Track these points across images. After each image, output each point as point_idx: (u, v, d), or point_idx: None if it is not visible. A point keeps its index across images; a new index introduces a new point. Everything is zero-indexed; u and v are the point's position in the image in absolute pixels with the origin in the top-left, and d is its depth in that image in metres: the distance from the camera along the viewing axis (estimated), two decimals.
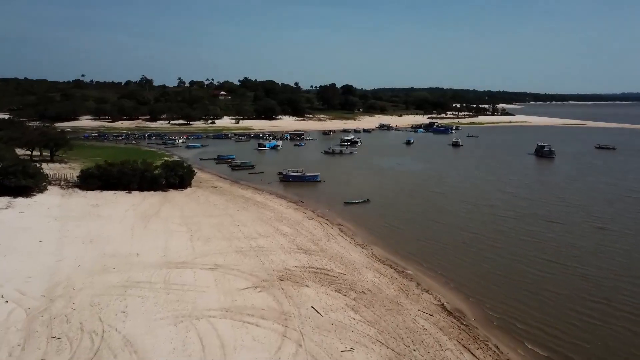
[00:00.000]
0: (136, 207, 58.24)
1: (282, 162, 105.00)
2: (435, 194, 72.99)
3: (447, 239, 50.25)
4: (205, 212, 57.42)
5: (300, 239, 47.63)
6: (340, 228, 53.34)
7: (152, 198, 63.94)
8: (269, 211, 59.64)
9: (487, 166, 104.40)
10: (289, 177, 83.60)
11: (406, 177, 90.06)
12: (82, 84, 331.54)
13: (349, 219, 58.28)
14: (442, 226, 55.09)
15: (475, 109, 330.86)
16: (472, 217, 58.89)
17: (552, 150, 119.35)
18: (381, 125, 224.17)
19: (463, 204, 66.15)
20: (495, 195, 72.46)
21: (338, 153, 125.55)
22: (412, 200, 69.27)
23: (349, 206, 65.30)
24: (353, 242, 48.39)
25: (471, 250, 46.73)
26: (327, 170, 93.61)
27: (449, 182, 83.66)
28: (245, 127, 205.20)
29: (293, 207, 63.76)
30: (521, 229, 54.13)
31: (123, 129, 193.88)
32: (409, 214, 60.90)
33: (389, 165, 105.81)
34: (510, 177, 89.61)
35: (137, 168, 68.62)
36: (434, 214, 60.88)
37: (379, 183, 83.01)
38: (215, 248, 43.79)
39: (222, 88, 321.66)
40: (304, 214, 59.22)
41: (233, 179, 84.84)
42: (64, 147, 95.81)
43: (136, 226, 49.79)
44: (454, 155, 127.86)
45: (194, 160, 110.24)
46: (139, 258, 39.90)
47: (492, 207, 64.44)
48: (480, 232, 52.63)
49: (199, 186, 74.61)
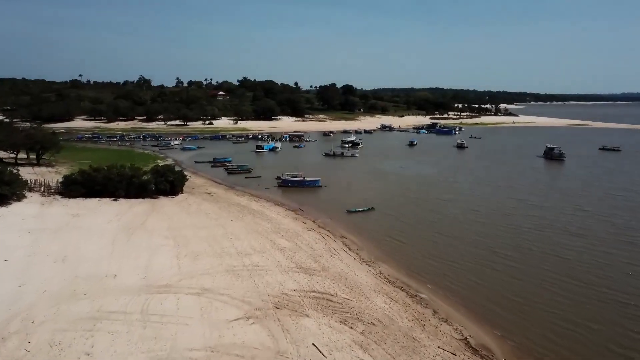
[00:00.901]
0: (120, 217, 53.41)
1: (280, 165, 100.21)
2: (443, 202, 68.12)
3: (461, 255, 45.40)
4: (196, 223, 52.59)
5: (299, 255, 42.81)
6: (343, 241, 48.51)
7: (139, 206, 59.11)
8: (265, 221, 54.82)
9: (495, 170, 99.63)
10: (287, 182, 78.77)
11: (411, 181, 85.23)
12: (78, 84, 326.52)
13: (352, 230, 53.47)
14: (454, 240, 50.18)
15: (477, 109, 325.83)
16: (485, 229, 53.98)
17: (562, 152, 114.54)
18: (383, 126, 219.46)
19: (474, 214, 61.28)
20: (508, 203, 67.59)
21: (339, 155, 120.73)
22: (419, 208, 64.43)
23: (353, 215, 60.51)
24: (358, 258, 43.58)
25: (489, 269, 41.88)
26: (328, 174, 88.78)
27: (457, 188, 78.81)
28: (243, 128, 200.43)
29: (292, 216, 58.97)
30: (541, 243, 49.18)
31: (118, 130, 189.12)
32: (418, 225, 56.07)
33: (392, 168, 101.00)
34: (522, 182, 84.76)
35: (124, 173, 63.80)
36: (445, 225, 56.02)
37: (383, 188, 78.20)
38: (204, 266, 38.98)
39: (221, 88, 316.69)
40: (304, 225, 54.40)
41: (228, 184, 80.00)
42: (52, 150, 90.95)
43: (118, 240, 44.96)
44: (459, 157, 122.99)
45: (189, 163, 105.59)
46: (116, 280, 35.07)
47: (506, 217, 59.58)
48: (497, 247, 47.72)
49: (191, 192, 69.81)
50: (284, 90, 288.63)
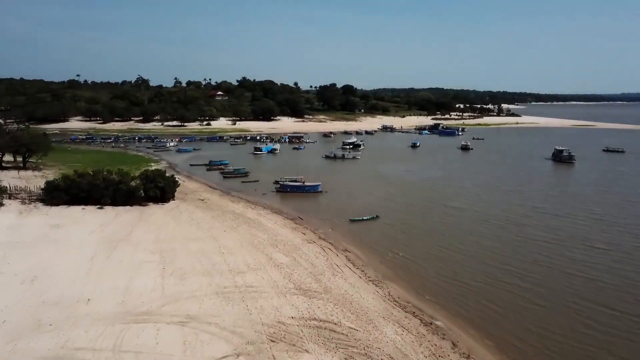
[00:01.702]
0: (104, 228, 49.17)
1: (279, 169, 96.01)
2: (451, 210, 63.76)
3: (476, 273, 41.06)
4: (186, 234, 48.36)
5: (298, 273, 38.58)
6: (347, 256, 44.26)
7: (126, 215, 54.87)
8: (261, 232, 50.59)
9: (503, 173, 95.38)
10: (286, 188, 74.51)
11: (416, 186, 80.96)
12: (75, 84, 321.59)
13: (356, 242, 49.22)
14: (466, 255, 45.81)
15: (479, 110, 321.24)
16: (499, 243, 49.49)
17: (571, 155, 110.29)
18: (384, 127, 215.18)
19: (485, 224, 56.86)
20: (521, 211, 63.24)
21: (340, 158, 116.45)
22: (426, 217, 60.12)
23: (356, 224, 56.27)
24: (364, 276, 39.33)
25: (508, 291, 37.48)
26: (328, 178, 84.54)
27: (465, 194, 74.46)
28: (242, 128, 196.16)
29: (290, 225, 54.74)
30: (562, 259, 44.80)
31: (114, 130, 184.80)
32: (426, 237, 51.75)
33: (396, 172, 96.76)
34: (532, 187, 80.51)
35: (110, 179, 59.55)
36: (455, 237, 51.64)
37: (386, 194, 73.96)
38: (191, 287, 34.77)
39: (219, 88, 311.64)
40: (303, 236, 50.15)
41: (224, 189, 75.72)
42: (39, 152, 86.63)
43: (98, 255, 40.73)
44: (464, 160, 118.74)
45: (184, 166, 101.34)
46: (89, 306, 30.84)
47: (520, 228, 55.14)
48: (513, 264, 43.31)
49: (183, 199, 65.59)
50: (284, 90, 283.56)
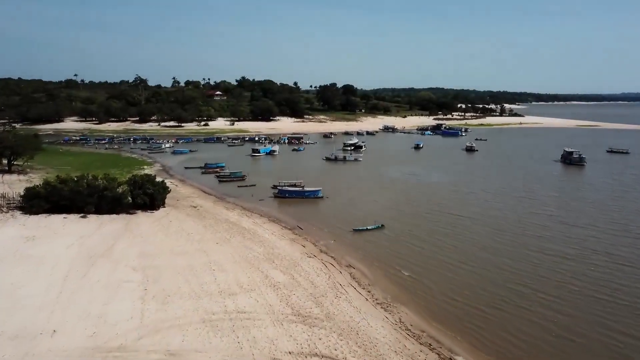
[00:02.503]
0: (85, 241, 44.89)
1: (278, 172, 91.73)
2: (462, 220, 59.01)
3: (495, 296, 36.35)
4: (174, 247, 44.07)
5: (297, 295, 34.30)
6: (351, 273, 39.96)
7: (111, 225, 50.57)
8: (257, 244, 46.30)
9: (512, 177, 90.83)
10: (285, 193, 70.21)
11: (422, 191, 76.60)
12: (72, 84, 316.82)
13: (361, 256, 44.89)
14: (482, 274, 41.16)
15: (481, 110, 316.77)
16: (517, 259, 44.54)
17: (582, 157, 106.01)
18: (385, 127, 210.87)
19: (500, 235, 52.19)
20: (536, 220, 58.65)
21: (341, 160, 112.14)
22: (435, 227, 55.47)
23: (360, 235, 51.97)
24: (371, 298, 35.02)
25: (532, 320, 32.70)
26: (329, 182, 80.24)
27: (475, 201, 69.92)
28: (240, 129, 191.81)
29: (289, 236, 50.44)
30: (588, 280, 39.74)
31: (109, 131, 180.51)
32: (436, 251, 47.19)
33: (399, 175, 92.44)
34: (545, 193, 76.08)
35: (95, 186, 55.25)
36: (468, 251, 47.10)
37: (391, 200, 69.65)
38: (174, 314, 30.51)
39: (218, 88, 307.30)
40: (303, 249, 45.85)
41: (218, 194, 71.41)
42: (25, 155, 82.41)
43: (73, 274, 36.45)
44: (470, 162, 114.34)
45: (178, 168, 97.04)
46: (53, 340, 26.58)
47: (539, 241, 50.19)
48: (536, 285, 38.36)
49: (175, 205, 61.33)
50: (283, 90, 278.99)
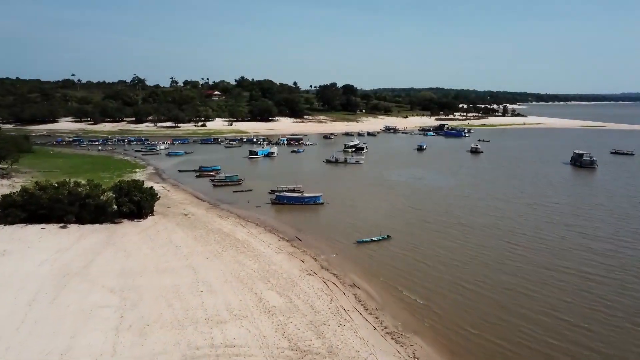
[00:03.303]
0: (61, 255, 40.64)
1: (276, 175, 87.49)
2: (473, 230, 54.32)
3: (519, 327, 31.52)
4: (159, 263, 39.82)
5: (295, 323, 30.03)
6: (355, 294, 35.66)
7: (92, 237, 46.30)
8: (251, 259, 42.02)
9: (522, 181, 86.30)
10: (283, 199, 65.90)
11: (428, 197, 72.25)
12: (70, 84, 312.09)
13: (366, 272, 40.62)
14: (503, 298, 36.29)
15: (483, 110, 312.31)
16: (538, 280, 39.49)
17: (593, 159, 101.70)
18: (386, 128, 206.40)
19: (516, 251, 47.18)
20: (554, 232, 53.71)
21: (342, 162, 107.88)
22: (445, 239, 50.80)
23: (364, 247, 47.70)
24: (379, 326, 30.70)
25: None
26: (330, 187, 76.04)
27: (485, 209, 65.24)
28: (238, 130, 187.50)
29: (287, 248, 46.15)
30: (623, 305, 35.14)
31: (104, 132, 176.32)
32: (448, 269, 42.60)
33: (404, 178, 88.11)
34: (559, 200, 71.35)
35: (77, 193, 50.96)
36: (483, 269, 42.48)
37: (395, 207, 65.34)
38: (152, 349, 26.25)
39: (217, 88, 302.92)
40: (302, 264, 41.57)
41: (212, 200, 67.10)
42: (8, 158, 78.20)
43: (40, 298, 32.18)
44: (476, 164, 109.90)
45: (171, 172, 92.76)
46: None
47: (560, 258, 44.97)
48: (564, 312, 33.46)
49: (164, 213, 57.10)
50: (282, 90, 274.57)
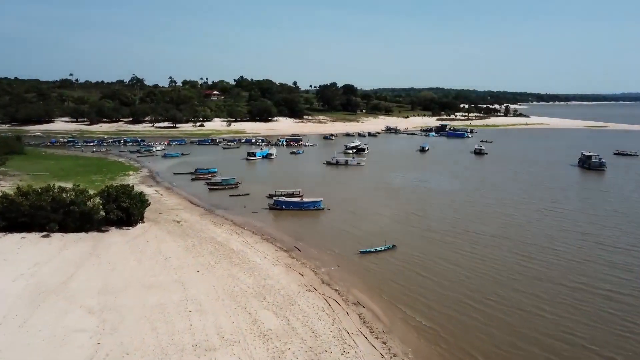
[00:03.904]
0: (39, 270, 37.40)
1: (274, 178, 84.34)
2: (483, 239, 50.84)
3: (541, 355, 28.54)
4: (146, 278, 36.58)
5: (293, 350, 26.81)
6: (360, 314, 32.38)
7: (75, 248, 43.07)
8: (246, 273, 38.77)
9: (530, 185, 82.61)
10: (281, 204, 62.66)
11: (433, 202, 68.89)
12: (67, 84, 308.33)
13: (371, 288, 37.35)
14: (519, 321, 32.88)
15: (485, 110, 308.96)
16: (558, 299, 35.78)
17: (602, 161, 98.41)
18: (388, 128, 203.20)
19: (531, 263, 43.41)
20: (569, 242, 49.99)
21: (343, 164, 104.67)
22: (453, 250, 47.44)
23: (367, 257, 44.48)
24: (387, 353, 27.43)
25: None
26: (331, 190, 72.85)
27: (494, 215, 61.68)
28: (237, 130, 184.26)
29: (284, 260, 42.91)
30: None
31: (101, 132, 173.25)
32: (459, 284, 39.32)
33: (407, 181, 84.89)
34: (571, 205, 67.72)
35: (61, 199, 47.69)
36: (496, 285, 39.09)
37: (399, 213, 62.06)
38: None
39: (215, 87, 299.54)
40: (301, 278, 38.32)
41: (207, 206, 63.84)
42: None
43: (9, 321, 28.97)
44: (481, 167, 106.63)
45: (166, 174, 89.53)
46: None
47: (580, 273, 40.87)
48: (589, 338, 30.21)
49: (156, 220, 53.90)
50: (282, 90, 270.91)
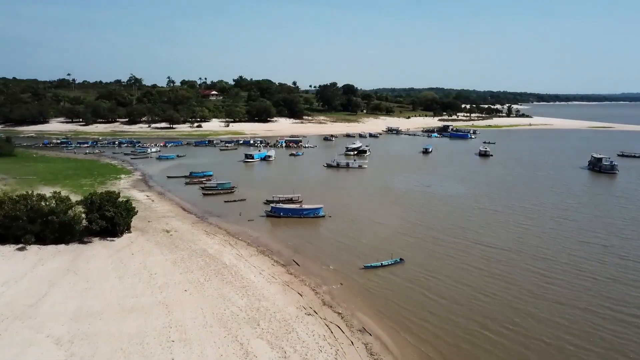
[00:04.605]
0: (7, 289, 33.58)
1: (273, 182, 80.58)
2: (496, 254, 47.09)
3: None
4: (126, 299, 32.73)
5: None
6: (366, 345, 28.51)
7: (51, 262, 39.23)
8: (238, 292, 34.92)
9: (540, 190, 78.49)
10: (279, 211, 58.81)
11: (440, 209, 65.00)
12: (65, 84, 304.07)
13: (377, 311, 33.48)
14: (543, 356, 29.84)
15: (487, 110, 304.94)
16: (588, 328, 31.84)
17: (614, 164, 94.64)
18: (389, 129, 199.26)
19: (550, 282, 39.70)
20: (590, 255, 45.98)
21: (344, 167, 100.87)
22: (465, 265, 43.80)
23: (372, 273, 40.65)
24: None
25: None
26: (331, 196, 69.08)
27: (504, 223, 57.85)
28: (235, 131, 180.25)
29: (282, 276, 39.07)
30: None
31: (96, 133, 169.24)
32: (470, 308, 35.75)
33: (411, 185, 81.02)
34: (586, 211, 63.99)
35: (39, 209, 43.85)
36: (515, 310, 35.56)
37: (405, 221, 58.24)
38: None
39: (214, 87, 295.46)
40: (299, 299, 34.47)
41: (200, 212, 59.97)
42: None
43: None
44: (487, 170, 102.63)
45: (159, 178, 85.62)
46: None
47: (607, 296, 37.61)
48: None
49: (144, 229, 50.08)
50: (281, 90, 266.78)
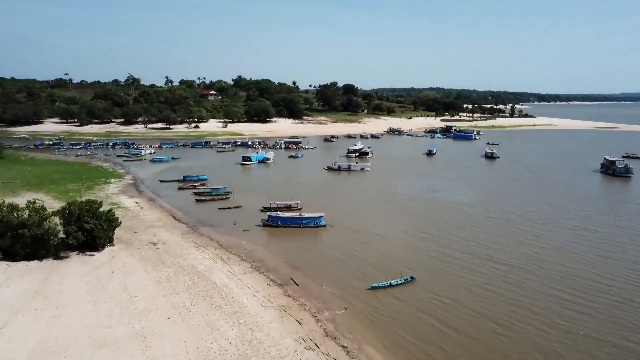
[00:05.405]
0: None
1: (271, 186, 76.31)
2: (513, 271, 43.33)
3: None
4: (98, 331, 28.37)
5: None
6: None
7: (19, 283, 34.87)
8: (229, 320, 30.56)
9: (553, 196, 73.91)
10: (277, 220, 54.43)
11: (449, 218, 60.32)
12: (62, 83, 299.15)
13: (387, 344, 29.13)
14: None
15: (489, 110, 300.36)
16: None
17: (628, 167, 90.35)
18: (390, 130, 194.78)
19: (576, 310, 36.03)
20: (620, 275, 41.05)
21: (345, 170, 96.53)
22: (477, 290, 39.70)
23: (380, 295, 36.30)
24: None
25: None
26: (333, 202, 64.77)
27: (518, 235, 53.63)
28: (233, 132, 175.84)
29: (278, 299, 34.71)
30: None
31: (90, 134, 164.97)
32: (488, 341, 31.63)
33: (417, 190, 76.61)
34: (605, 221, 59.66)
35: (8, 221, 39.50)
36: (534, 343, 31.69)
37: (412, 231, 53.87)
38: None
39: (212, 87, 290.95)
40: (298, 329, 30.12)
41: (191, 222, 55.58)
42: None
43: None
44: (494, 173, 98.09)
45: (151, 182, 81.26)
46: None
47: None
48: None
49: (129, 241, 45.79)
50: (281, 90, 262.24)
